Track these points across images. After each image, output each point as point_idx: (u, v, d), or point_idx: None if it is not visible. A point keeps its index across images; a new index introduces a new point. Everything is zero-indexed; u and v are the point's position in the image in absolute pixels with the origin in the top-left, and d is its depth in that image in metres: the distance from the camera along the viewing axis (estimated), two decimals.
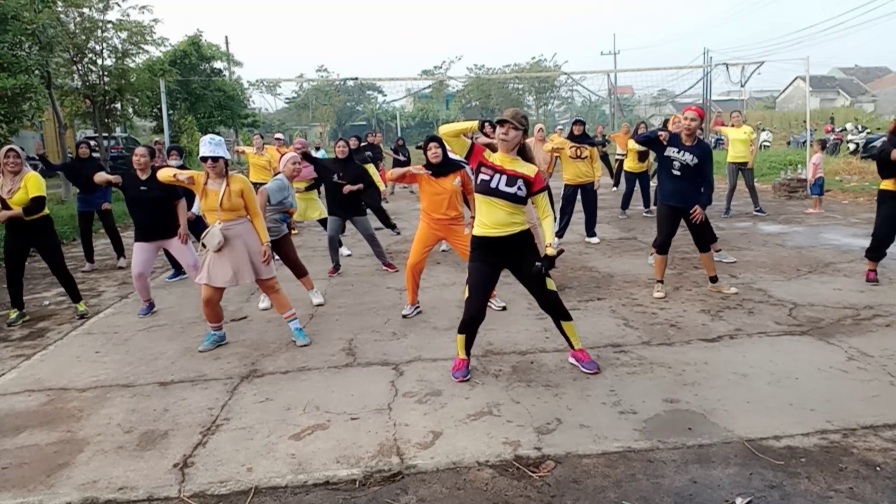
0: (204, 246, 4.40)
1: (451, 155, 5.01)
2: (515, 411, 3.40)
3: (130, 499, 2.75)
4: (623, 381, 3.74)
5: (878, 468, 2.73)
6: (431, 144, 5.04)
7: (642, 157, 10.25)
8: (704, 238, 5.53)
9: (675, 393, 3.56)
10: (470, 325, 3.84)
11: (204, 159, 4.31)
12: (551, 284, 3.80)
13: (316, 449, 3.09)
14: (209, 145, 4.31)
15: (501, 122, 3.62)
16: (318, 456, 3.02)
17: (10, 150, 5.21)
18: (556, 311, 3.86)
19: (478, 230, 3.74)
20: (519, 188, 3.63)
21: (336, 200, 6.71)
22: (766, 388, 3.58)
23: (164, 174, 4.53)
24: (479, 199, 3.72)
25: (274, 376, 4.07)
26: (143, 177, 5.52)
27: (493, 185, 3.63)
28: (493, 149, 3.79)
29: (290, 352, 4.53)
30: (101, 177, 5.95)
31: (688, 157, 5.24)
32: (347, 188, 6.55)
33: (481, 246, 3.75)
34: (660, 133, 5.36)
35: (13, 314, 5.60)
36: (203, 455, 3.08)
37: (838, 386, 3.59)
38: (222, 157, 4.35)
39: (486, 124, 3.67)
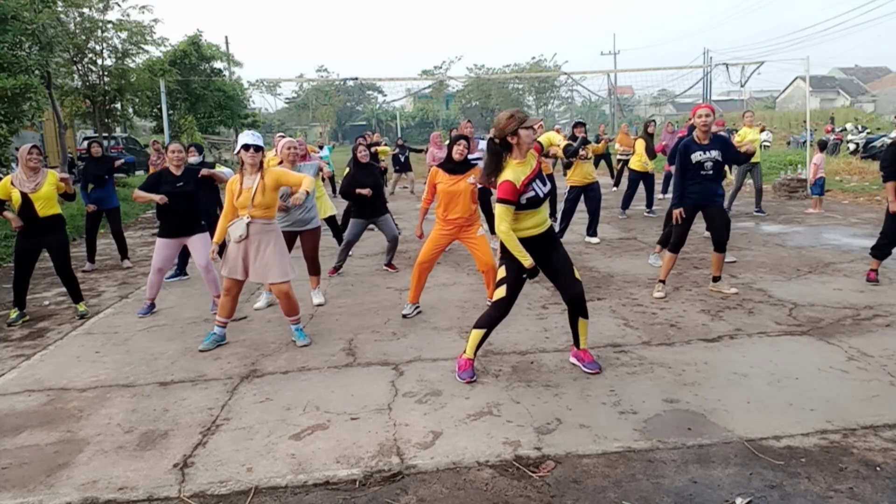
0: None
1: (470, 156, 5.19)
2: (515, 411, 3.40)
3: (130, 499, 2.75)
4: (623, 381, 3.74)
5: (878, 468, 2.73)
6: (461, 141, 5.12)
7: (650, 155, 10.22)
8: (724, 237, 5.49)
9: (675, 393, 3.56)
10: (497, 322, 3.84)
11: (246, 147, 4.39)
12: (577, 273, 3.81)
13: (316, 449, 3.09)
14: (252, 136, 4.48)
15: (528, 127, 3.57)
16: (318, 456, 3.02)
17: (34, 147, 5.51)
18: (579, 305, 3.81)
19: (520, 234, 3.67)
20: (548, 181, 3.72)
21: (363, 203, 6.65)
22: (766, 388, 3.58)
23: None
24: (523, 213, 3.67)
25: (274, 376, 4.07)
26: (178, 172, 5.59)
27: (541, 195, 3.65)
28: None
29: (290, 352, 4.53)
30: (145, 196, 5.61)
31: (714, 154, 5.30)
32: (364, 191, 6.52)
33: (525, 248, 3.69)
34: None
35: (13, 314, 5.60)
36: (203, 455, 3.08)
37: (838, 386, 3.59)
38: (262, 150, 4.51)
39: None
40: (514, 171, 3.58)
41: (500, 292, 3.77)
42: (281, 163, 5.46)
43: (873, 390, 3.51)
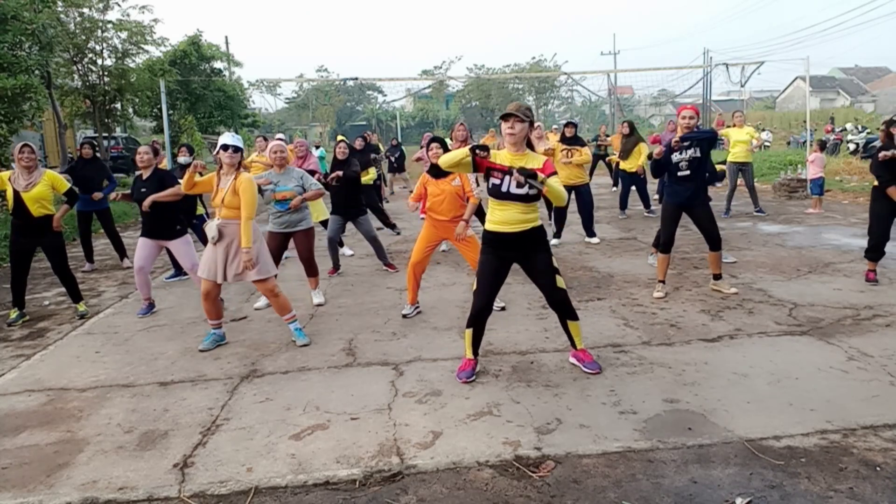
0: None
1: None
2: (515, 411, 3.40)
3: (130, 499, 2.75)
4: (623, 381, 3.74)
5: (878, 468, 2.73)
6: (433, 145, 5.14)
7: (626, 155, 10.20)
8: (715, 235, 5.45)
9: (675, 393, 3.56)
10: (478, 319, 3.82)
11: (225, 147, 4.40)
12: (561, 282, 3.80)
13: (316, 449, 3.09)
14: (231, 137, 4.50)
15: (506, 117, 3.61)
16: (318, 456, 3.02)
17: (26, 145, 5.46)
18: (564, 309, 3.85)
19: (490, 226, 3.73)
20: (530, 187, 3.54)
21: (338, 201, 6.71)
22: (766, 388, 3.58)
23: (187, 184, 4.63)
24: (491, 200, 3.71)
25: (274, 376, 4.07)
26: (145, 176, 5.58)
27: (503, 188, 3.61)
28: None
29: (290, 352, 4.53)
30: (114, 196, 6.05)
31: (689, 153, 5.26)
32: (335, 175, 6.50)
33: (493, 241, 3.75)
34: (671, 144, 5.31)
35: (13, 314, 5.60)
36: (203, 455, 3.08)
37: (838, 386, 3.59)
38: (241, 151, 4.53)
39: (478, 150, 3.47)
40: (497, 152, 3.71)
41: (475, 284, 3.83)
42: (271, 165, 5.48)
43: (873, 390, 3.51)
